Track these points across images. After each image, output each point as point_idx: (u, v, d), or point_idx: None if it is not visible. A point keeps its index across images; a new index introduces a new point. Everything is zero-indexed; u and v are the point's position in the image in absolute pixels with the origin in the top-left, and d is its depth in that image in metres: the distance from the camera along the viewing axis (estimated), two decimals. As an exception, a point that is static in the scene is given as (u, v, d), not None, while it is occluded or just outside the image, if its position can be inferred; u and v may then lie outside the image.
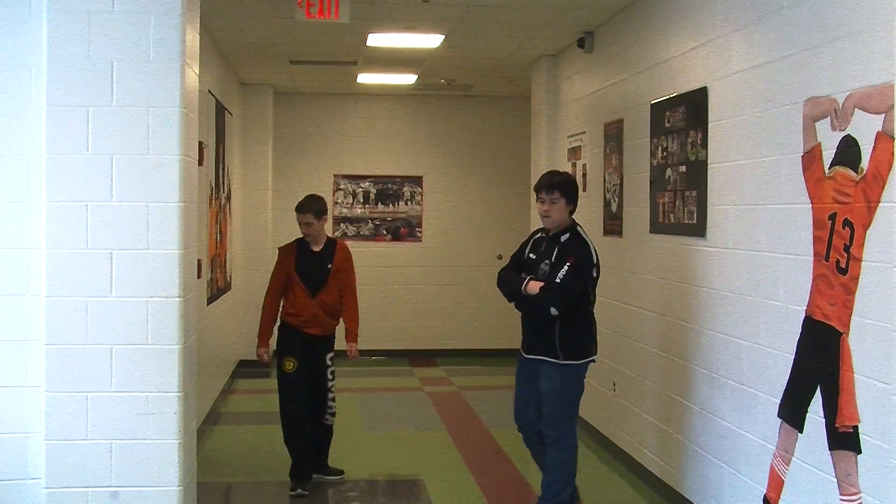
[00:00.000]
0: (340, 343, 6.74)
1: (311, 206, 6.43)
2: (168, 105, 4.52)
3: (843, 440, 4.07)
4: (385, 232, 12.35)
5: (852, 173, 4.03)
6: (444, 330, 12.26)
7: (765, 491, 4.80)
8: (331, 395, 6.56)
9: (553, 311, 5.31)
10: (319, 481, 6.56)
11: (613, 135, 7.43)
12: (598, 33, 8.01)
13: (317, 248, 6.52)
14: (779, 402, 4.65)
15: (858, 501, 3.96)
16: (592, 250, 5.43)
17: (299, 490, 6.33)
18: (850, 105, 4.04)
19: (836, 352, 4.11)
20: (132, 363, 4.52)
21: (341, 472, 6.66)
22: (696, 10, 5.79)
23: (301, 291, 6.41)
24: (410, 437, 7.99)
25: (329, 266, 6.48)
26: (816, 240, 4.31)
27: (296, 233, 6.65)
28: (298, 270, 6.44)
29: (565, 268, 5.30)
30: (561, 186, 5.45)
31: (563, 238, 5.46)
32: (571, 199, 5.47)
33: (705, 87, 5.59)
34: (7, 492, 4.56)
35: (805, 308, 4.40)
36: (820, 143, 4.29)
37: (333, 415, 6.61)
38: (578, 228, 5.51)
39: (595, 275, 5.43)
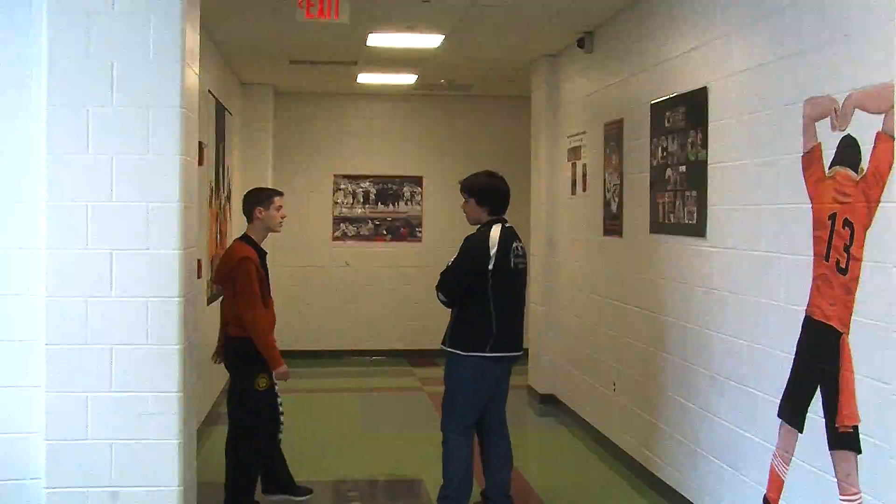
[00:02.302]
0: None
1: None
2: (168, 105, 4.52)
3: (843, 440, 4.07)
4: (385, 232, 12.34)
5: (852, 173, 4.03)
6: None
7: (765, 491, 4.80)
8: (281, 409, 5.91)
9: (440, 296, 5.66)
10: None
11: (613, 135, 7.43)
12: (598, 33, 8.01)
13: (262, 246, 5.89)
14: (779, 402, 4.65)
15: (858, 501, 3.96)
16: (493, 242, 5.51)
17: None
18: (850, 105, 4.05)
19: (836, 352, 4.11)
20: (132, 363, 4.51)
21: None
22: (696, 10, 5.79)
23: (269, 299, 5.79)
24: (410, 437, 7.98)
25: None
26: (816, 240, 4.31)
27: (295, 232, 6.59)
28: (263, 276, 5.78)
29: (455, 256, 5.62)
30: (463, 188, 5.77)
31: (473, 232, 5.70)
32: (473, 198, 5.71)
33: (705, 87, 5.59)
34: (7, 492, 4.55)
35: (805, 308, 4.40)
36: (820, 143, 4.29)
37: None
38: (495, 225, 5.62)
39: (490, 267, 5.48)
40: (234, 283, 5.69)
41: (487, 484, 5.80)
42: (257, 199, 5.88)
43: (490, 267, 5.49)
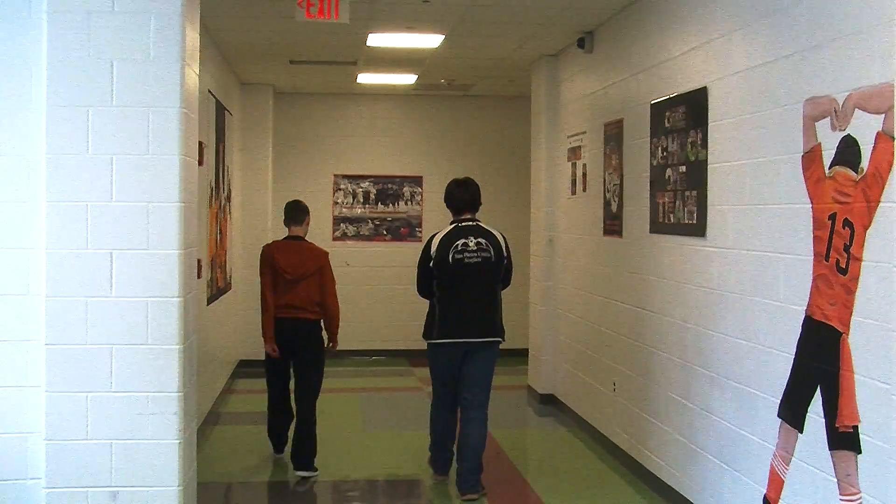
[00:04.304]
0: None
1: None
2: (168, 105, 4.52)
3: (843, 440, 4.07)
4: (385, 232, 12.34)
5: (852, 173, 4.03)
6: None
7: (765, 491, 4.80)
8: None
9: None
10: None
11: (613, 135, 7.43)
12: (598, 33, 8.01)
13: None
14: (779, 402, 4.65)
15: (858, 501, 3.96)
16: (434, 242, 6.27)
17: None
18: (850, 105, 4.05)
19: (836, 352, 4.11)
20: (132, 363, 4.52)
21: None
22: (696, 10, 5.79)
23: None
24: (410, 437, 7.98)
25: None
26: (816, 240, 4.31)
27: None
28: None
29: None
30: None
31: None
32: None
33: (705, 87, 5.59)
34: (7, 492, 4.56)
35: (805, 308, 4.40)
36: (820, 143, 4.29)
37: None
38: (449, 225, 6.34)
39: (431, 264, 6.23)
40: (321, 274, 6.79)
41: (457, 456, 6.41)
42: (307, 210, 7.04)
43: (431, 265, 6.25)
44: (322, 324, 6.88)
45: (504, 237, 6.37)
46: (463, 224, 6.27)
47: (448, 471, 6.59)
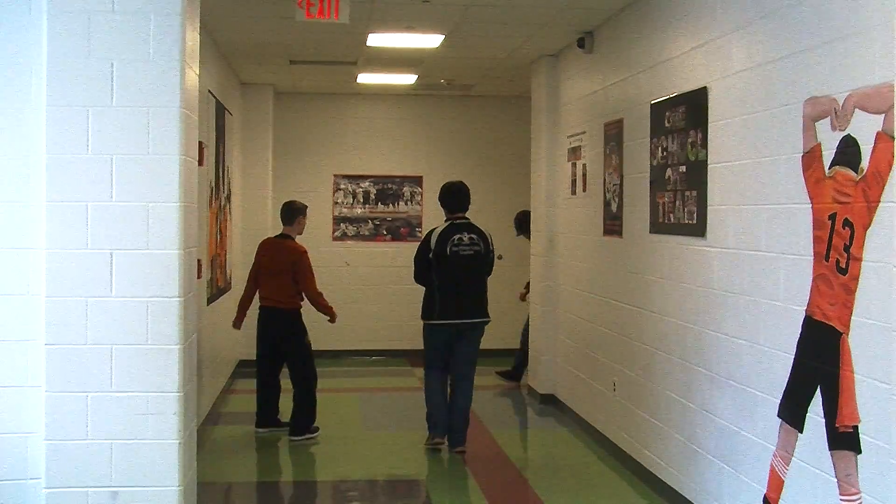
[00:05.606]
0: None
1: None
2: (168, 105, 4.52)
3: (843, 440, 4.08)
4: (385, 232, 12.34)
5: (852, 173, 4.03)
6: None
7: (765, 491, 4.80)
8: None
9: (415, 278, 7.43)
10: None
11: (613, 135, 7.43)
12: (598, 33, 8.01)
13: None
14: (779, 402, 4.65)
15: (858, 501, 3.96)
16: (434, 236, 7.24)
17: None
18: (850, 105, 4.05)
19: (836, 352, 4.11)
20: (132, 363, 4.52)
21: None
22: (696, 10, 5.79)
23: None
24: (410, 437, 7.99)
25: None
26: (816, 240, 4.31)
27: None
28: None
29: None
30: None
31: None
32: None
33: (705, 87, 5.59)
34: (7, 492, 4.56)
35: (805, 308, 4.40)
36: (820, 143, 4.29)
37: None
38: (444, 222, 7.36)
39: (430, 256, 7.19)
40: (296, 269, 7.67)
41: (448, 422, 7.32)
42: (301, 210, 7.92)
43: (430, 256, 7.20)
44: (300, 312, 7.81)
45: (489, 234, 7.48)
46: (457, 221, 7.34)
47: (446, 433, 7.33)
